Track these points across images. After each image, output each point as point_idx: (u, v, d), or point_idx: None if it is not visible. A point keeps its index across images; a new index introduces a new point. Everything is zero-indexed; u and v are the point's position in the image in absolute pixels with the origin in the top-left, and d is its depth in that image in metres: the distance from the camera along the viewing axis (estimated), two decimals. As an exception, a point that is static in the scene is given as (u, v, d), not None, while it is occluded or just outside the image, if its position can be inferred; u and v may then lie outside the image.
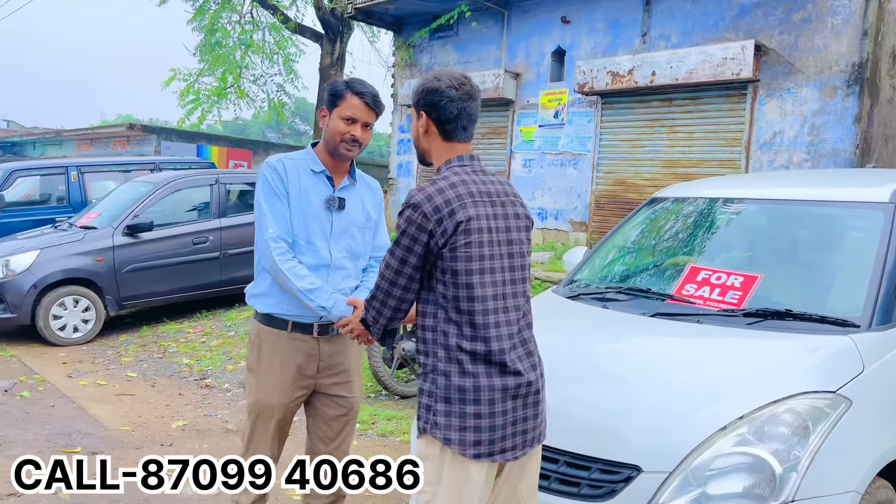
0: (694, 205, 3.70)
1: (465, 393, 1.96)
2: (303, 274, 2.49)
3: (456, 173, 2.05)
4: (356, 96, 2.50)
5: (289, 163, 2.57)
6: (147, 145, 20.05)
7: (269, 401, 2.61)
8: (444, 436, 1.96)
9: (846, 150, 7.63)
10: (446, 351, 1.98)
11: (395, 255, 2.00)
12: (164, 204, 7.91)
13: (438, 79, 2.07)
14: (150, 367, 6.42)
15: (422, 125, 2.10)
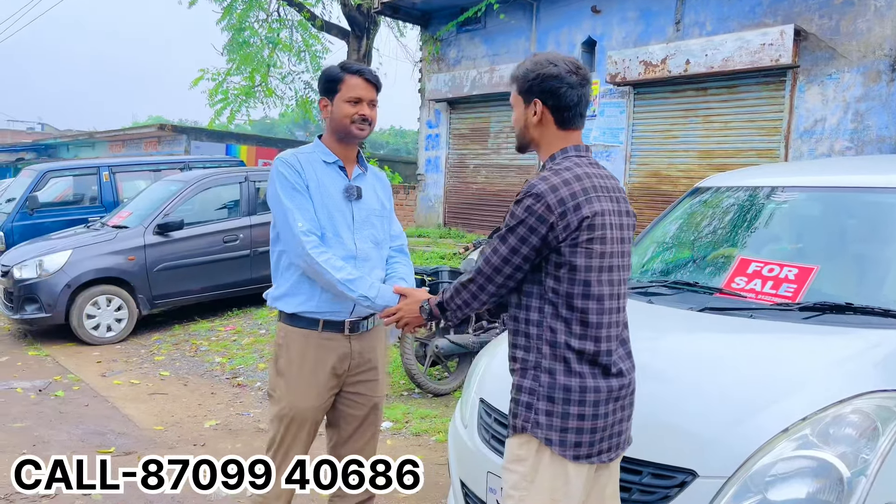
0: (739, 194, 3.54)
1: (571, 393, 1.89)
2: (339, 265, 2.40)
3: (578, 164, 1.96)
4: (355, 76, 2.46)
5: (302, 157, 2.51)
6: (177, 145, 20.23)
7: (302, 405, 2.51)
8: (546, 436, 1.90)
9: (891, 136, 7.35)
10: (552, 348, 1.91)
11: (507, 243, 1.91)
12: (194, 202, 7.92)
13: (555, 63, 1.97)
14: (182, 365, 6.41)
15: (535, 113, 1.99)
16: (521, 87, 2.01)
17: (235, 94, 14.52)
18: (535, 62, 2.00)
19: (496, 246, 1.94)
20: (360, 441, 2.68)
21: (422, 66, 12.99)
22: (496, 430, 2.60)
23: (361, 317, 2.56)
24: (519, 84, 2.02)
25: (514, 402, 1.97)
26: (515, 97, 2.04)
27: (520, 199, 1.91)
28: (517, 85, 2.03)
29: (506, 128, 11.47)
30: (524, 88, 2.00)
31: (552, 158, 1.99)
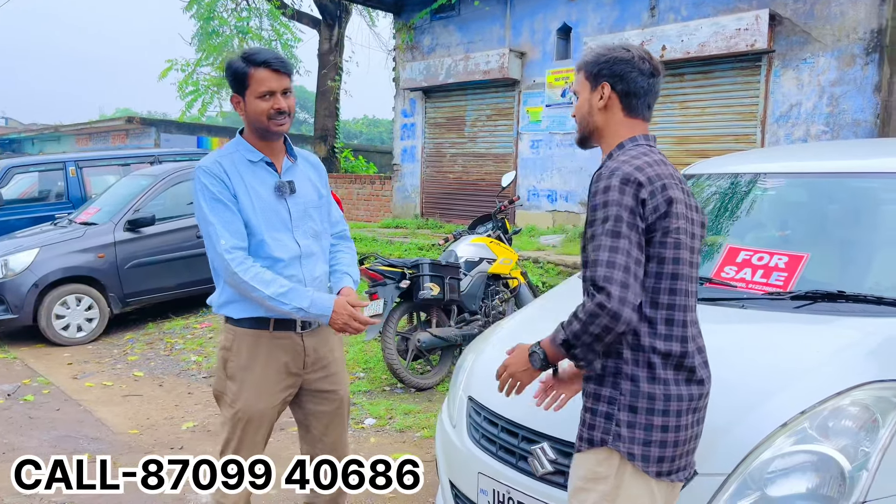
0: (724, 181, 3.49)
1: (655, 402, 1.75)
2: (268, 279, 2.30)
3: (652, 152, 1.85)
4: (261, 67, 2.27)
5: (225, 161, 2.35)
6: (146, 138, 19.84)
7: (256, 406, 2.42)
8: (628, 450, 1.76)
9: (867, 120, 7.39)
10: (635, 352, 1.77)
11: (619, 232, 1.69)
12: (165, 197, 7.71)
13: (627, 49, 1.90)
14: (157, 365, 6.26)
15: (601, 97, 1.90)
16: (590, 70, 1.92)
17: (206, 85, 14.26)
18: (607, 47, 1.92)
19: (608, 243, 1.71)
20: (331, 436, 2.61)
21: (395, 54, 12.84)
22: (486, 429, 2.53)
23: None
24: (587, 68, 1.93)
25: (589, 412, 1.83)
26: (581, 83, 1.95)
27: (605, 185, 1.75)
28: (585, 70, 1.94)
29: (482, 115, 11.38)
30: (593, 72, 1.91)
31: (621, 147, 1.88)
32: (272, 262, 2.36)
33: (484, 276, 5.54)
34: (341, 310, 2.34)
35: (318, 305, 2.33)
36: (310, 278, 2.45)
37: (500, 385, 2.02)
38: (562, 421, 2.32)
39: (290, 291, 2.31)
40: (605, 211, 1.73)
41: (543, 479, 2.25)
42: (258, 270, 2.31)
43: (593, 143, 1.99)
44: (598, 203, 1.75)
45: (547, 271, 7.68)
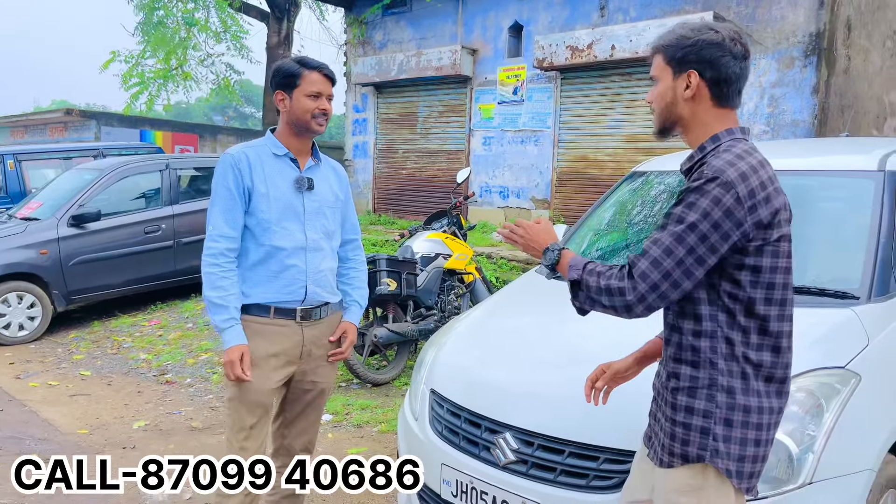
0: (676, 178, 3.60)
1: (750, 415, 1.66)
2: (219, 285, 2.44)
3: (752, 151, 1.67)
4: (314, 71, 2.50)
5: (251, 151, 2.52)
6: (86, 131, 19.20)
7: (254, 390, 2.50)
8: (726, 467, 1.66)
9: (805, 120, 7.69)
10: (729, 362, 1.66)
11: (684, 242, 1.59)
12: (111, 192, 7.51)
13: (716, 30, 1.69)
14: (104, 364, 6.10)
15: (687, 86, 1.70)
16: (672, 54, 1.71)
17: (151, 77, 13.89)
18: (691, 28, 1.71)
19: (667, 243, 1.61)
20: (304, 422, 2.73)
21: (347, 49, 12.76)
22: (449, 420, 2.57)
23: (314, 305, 2.58)
24: (669, 52, 1.72)
25: (681, 426, 1.70)
26: (661, 67, 1.75)
27: (701, 185, 1.60)
28: (665, 53, 1.73)
29: (434, 112, 11.41)
30: (676, 56, 1.70)
31: (714, 139, 1.70)
32: (273, 249, 2.49)
33: (440, 271, 5.58)
34: (230, 357, 2.43)
35: (225, 334, 2.44)
36: (313, 270, 2.56)
37: (503, 229, 1.95)
38: (523, 411, 2.38)
39: (223, 308, 2.43)
40: (685, 211, 1.61)
41: (506, 468, 2.31)
42: (218, 272, 2.44)
43: (675, 133, 1.80)
44: (685, 199, 1.63)
45: (500, 266, 7.77)
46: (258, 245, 2.50)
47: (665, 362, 1.79)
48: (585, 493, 2.16)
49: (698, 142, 1.74)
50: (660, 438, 1.79)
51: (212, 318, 2.45)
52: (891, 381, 2.38)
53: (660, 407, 1.81)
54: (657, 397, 1.85)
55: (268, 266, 2.50)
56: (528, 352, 2.68)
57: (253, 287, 2.51)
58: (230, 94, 15.68)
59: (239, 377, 2.43)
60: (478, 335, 3.03)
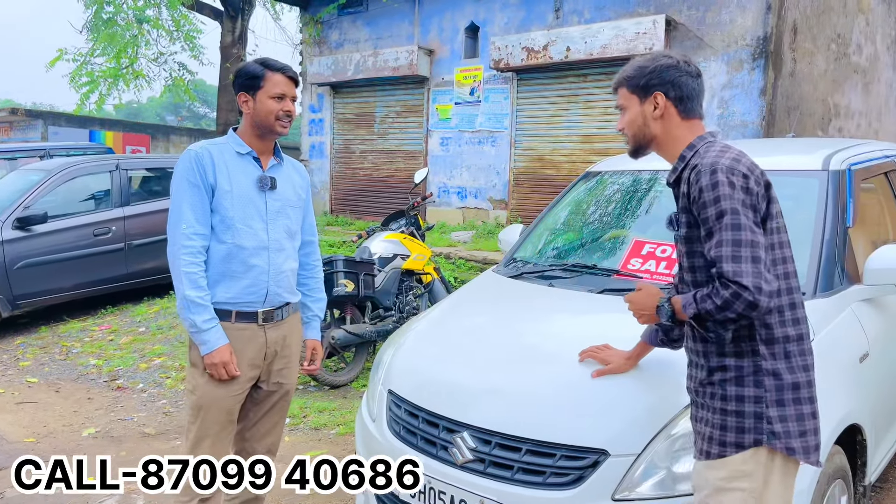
0: (629, 178, 3.66)
1: (801, 390, 1.76)
2: (199, 284, 2.41)
3: (728, 146, 1.85)
4: (278, 73, 2.49)
5: (213, 148, 2.50)
6: (32, 131, 18.62)
7: (215, 394, 2.48)
8: (786, 445, 1.75)
9: (753, 121, 7.89)
10: (770, 345, 1.77)
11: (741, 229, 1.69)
12: (58, 193, 7.28)
13: (668, 56, 1.92)
14: (52, 370, 5.92)
15: (655, 107, 1.90)
16: (636, 83, 1.92)
17: (100, 76, 13.53)
18: (647, 59, 1.93)
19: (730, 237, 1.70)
20: (266, 424, 2.71)
21: (302, 48, 12.64)
22: (407, 421, 2.56)
23: (275, 307, 2.57)
24: (632, 82, 1.94)
25: (734, 414, 1.78)
26: (627, 97, 1.95)
27: (709, 181, 1.74)
28: (628, 84, 1.94)
29: (392, 112, 11.38)
30: (640, 84, 1.92)
31: (691, 147, 1.89)
32: (236, 248, 2.45)
33: (398, 272, 5.57)
34: (222, 358, 2.41)
35: (208, 335, 2.40)
36: (275, 271, 2.53)
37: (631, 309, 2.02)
38: (481, 410, 2.39)
39: (204, 308, 2.39)
40: (717, 207, 1.72)
41: (464, 467, 2.31)
42: (197, 271, 2.40)
43: (649, 151, 1.98)
44: (707, 200, 1.74)
45: (458, 266, 7.78)
46: (219, 243, 2.46)
47: (704, 359, 1.85)
48: (542, 490, 2.18)
49: (677, 153, 1.92)
50: (704, 434, 1.85)
51: (191, 318, 2.39)
52: (836, 374, 2.45)
53: (702, 405, 1.88)
54: (695, 397, 1.92)
55: (229, 265, 2.46)
56: (486, 351, 2.69)
57: (213, 287, 2.46)
58: (185, 93, 15.38)
59: (232, 375, 2.43)
60: (435, 335, 3.03)
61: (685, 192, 1.84)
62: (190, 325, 2.42)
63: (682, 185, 1.87)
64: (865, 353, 2.66)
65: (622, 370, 2.30)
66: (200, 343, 2.42)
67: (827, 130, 9.28)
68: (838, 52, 9.38)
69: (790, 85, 8.13)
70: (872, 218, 3.42)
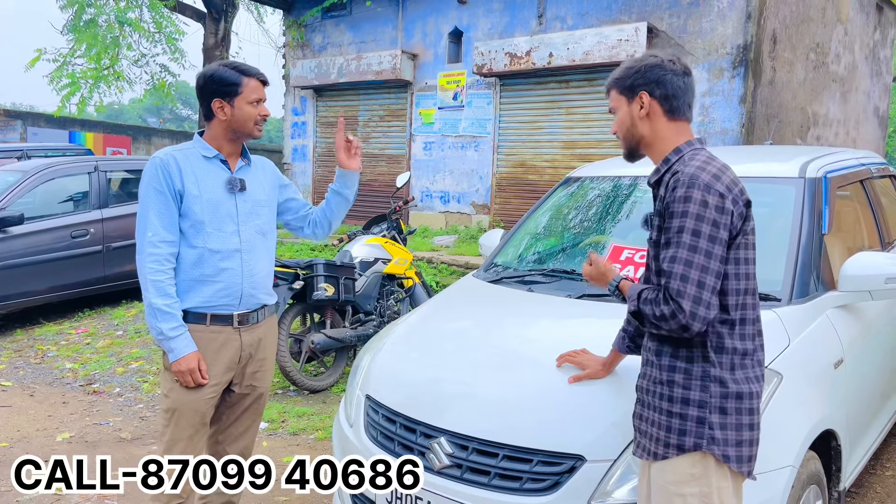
0: (609, 184, 3.67)
1: (742, 401, 1.79)
2: (167, 293, 2.40)
3: (713, 157, 1.85)
4: (253, 78, 2.50)
5: (179, 154, 2.49)
6: (11, 132, 18.37)
7: (188, 398, 2.47)
8: (723, 452, 1.77)
9: (733, 129, 7.96)
10: (719, 354, 1.79)
11: (699, 249, 1.71)
12: (35, 194, 7.19)
13: (654, 55, 1.92)
14: (27, 374, 5.83)
15: (641, 106, 1.90)
16: (623, 84, 1.93)
17: (81, 77, 13.39)
18: (633, 60, 1.94)
19: (685, 256, 1.72)
20: (239, 427, 2.71)
21: (286, 51, 12.59)
22: (384, 426, 2.55)
23: (250, 309, 2.57)
24: (619, 84, 1.94)
25: (678, 416, 1.81)
26: (616, 99, 1.95)
27: (684, 194, 1.75)
28: (616, 86, 1.95)
29: (375, 116, 11.37)
30: (626, 85, 1.92)
31: (678, 151, 1.88)
32: (207, 252, 2.45)
33: (379, 276, 5.55)
34: (189, 366, 2.41)
35: (174, 343, 2.39)
36: (249, 273, 2.53)
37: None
38: (458, 416, 2.38)
39: (171, 316, 2.39)
40: (681, 221, 1.74)
41: (441, 473, 2.30)
42: (164, 280, 2.40)
43: (641, 153, 1.98)
44: (675, 211, 1.76)
45: (440, 271, 7.77)
46: (190, 248, 2.45)
47: (657, 357, 1.89)
48: (519, 496, 2.17)
49: (662, 155, 1.91)
50: (649, 434, 1.88)
51: (157, 326, 2.39)
52: (810, 380, 2.47)
53: (649, 405, 1.91)
54: (643, 396, 1.94)
55: (201, 269, 2.45)
56: (464, 356, 2.68)
57: (187, 292, 2.46)
58: (166, 96, 15.27)
59: (199, 383, 2.42)
60: (414, 339, 3.02)
61: (663, 196, 1.85)
62: (157, 333, 2.41)
63: (661, 188, 1.88)
64: (840, 360, 2.68)
65: (599, 375, 2.30)
66: (168, 350, 2.43)
67: (806, 138, 9.39)
68: (817, 62, 9.50)
69: (769, 93, 8.22)
70: (848, 225, 3.46)
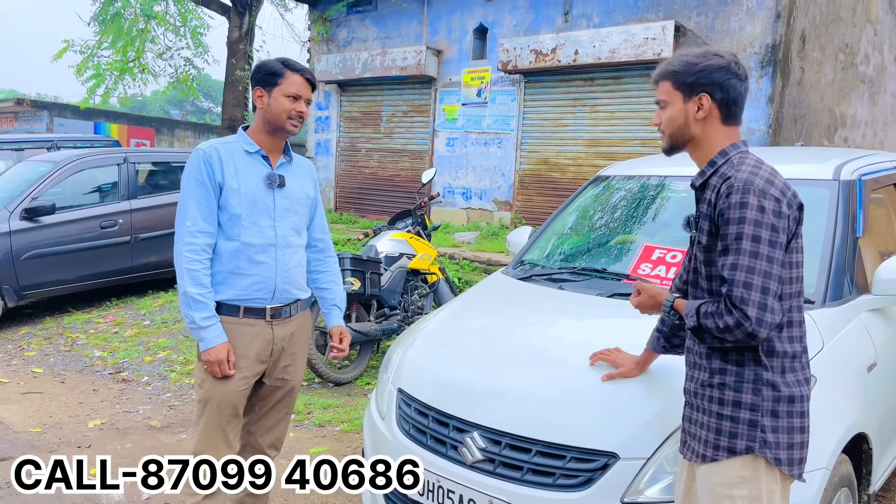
0: (640, 182, 3.67)
1: (794, 404, 1.79)
2: (202, 282, 2.44)
3: (761, 161, 1.83)
4: (297, 73, 2.52)
5: (222, 147, 2.53)
6: (38, 122, 18.68)
7: (220, 389, 2.51)
8: (775, 455, 1.77)
9: (760, 129, 7.91)
10: (770, 357, 1.79)
11: (760, 256, 1.69)
12: (66, 185, 7.31)
13: (721, 55, 1.85)
14: (57, 361, 5.94)
15: (699, 108, 1.84)
16: (682, 80, 1.85)
17: (107, 69, 13.55)
18: (696, 55, 1.86)
19: (746, 263, 1.70)
20: (271, 419, 2.75)
21: (310, 45, 12.65)
22: (416, 420, 2.58)
23: (283, 303, 2.60)
24: (678, 78, 1.86)
25: (729, 419, 1.80)
26: (669, 92, 1.88)
27: (739, 199, 1.72)
28: (673, 79, 1.87)
29: (399, 111, 11.40)
30: (687, 82, 1.85)
31: (723, 154, 1.86)
32: (243, 245, 2.49)
33: (404, 271, 5.58)
34: (218, 356, 2.44)
35: (206, 332, 2.43)
36: (283, 268, 2.56)
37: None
38: (491, 410, 2.40)
39: (204, 306, 2.42)
40: (739, 227, 1.72)
41: (473, 467, 2.33)
42: (201, 269, 2.43)
43: (683, 150, 1.94)
44: (731, 218, 1.73)
45: (462, 267, 7.80)
46: (228, 240, 2.50)
47: (707, 361, 1.87)
48: (551, 491, 2.19)
49: (707, 157, 1.88)
50: (699, 437, 1.87)
51: (190, 314, 2.42)
52: (844, 383, 2.47)
53: (698, 407, 1.90)
54: (692, 399, 1.94)
55: (237, 262, 2.50)
56: (495, 352, 2.71)
57: (221, 284, 2.50)
58: (189, 89, 15.41)
59: (226, 374, 2.46)
60: (444, 335, 3.05)
61: (712, 200, 1.82)
62: (189, 322, 2.45)
63: (708, 191, 1.85)
64: (873, 363, 2.68)
65: (632, 374, 2.32)
66: (199, 340, 2.46)
67: (833, 140, 9.29)
68: (846, 62, 9.39)
69: (797, 93, 8.14)
70: (881, 228, 3.44)
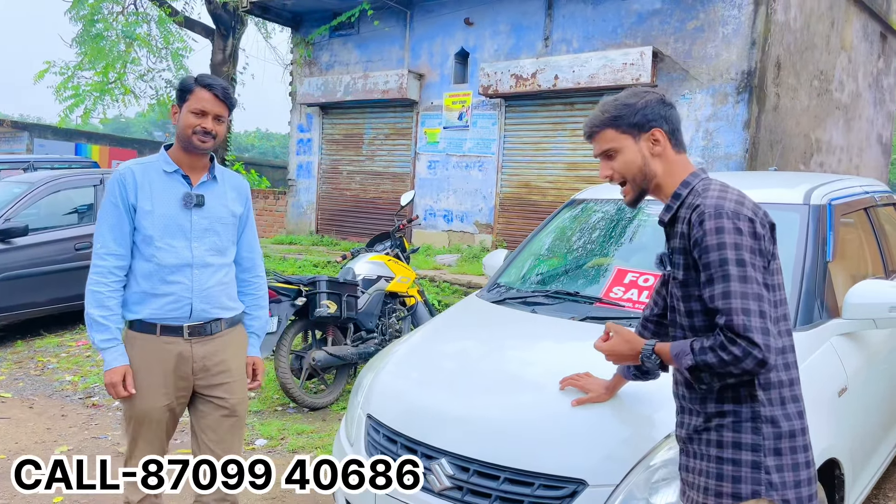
0: (614, 206, 3.68)
1: (796, 438, 1.70)
2: (106, 304, 2.45)
3: (725, 185, 1.79)
4: (205, 89, 2.51)
5: (138, 168, 2.54)
6: (18, 143, 18.54)
7: (141, 406, 2.54)
8: (782, 497, 1.67)
9: (737, 154, 7.99)
10: (767, 391, 1.70)
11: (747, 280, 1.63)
12: (41, 206, 7.22)
13: (648, 91, 1.85)
14: (26, 385, 5.82)
15: (657, 143, 1.81)
16: (628, 122, 1.81)
17: (87, 90, 13.50)
18: (627, 96, 1.84)
19: (737, 289, 1.63)
20: (219, 442, 2.65)
21: (293, 68, 12.69)
22: (385, 446, 2.54)
23: (203, 321, 2.58)
24: (622, 122, 1.81)
25: (730, 462, 1.72)
26: (617, 138, 1.82)
27: (714, 225, 1.67)
28: (616, 125, 1.82)
29: (380, 134, 11.43)
30: (633, 122, 1.80)
31: (686, 185, 1.81)
32: (157, 266, 2.49)
33: (381, 294, 5.55)
34: (112, 379, 2.46)
35: (106, 354, 2.46)
36: (199, 288, 2.55)
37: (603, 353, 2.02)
38: (460, 437, 2.37)
39: (105, 329, 2.44)
40: (720, 253, 1.66)
41: (442, 494, 2.29)
42: (104, 291, 2.44)
43: (646, 195, 1.88)
44: (709, 245, 1.67)
45: (443, 290, 7.77)
46: (144, 261, 2.50)
47: (701, 405, 1.79)
48: (520, 519, 2.15)
49: (671, 191, 1.83)
50: (698, 485, 1.78)
51: (93, 336, 2.45)
52: (814, 409, 2.45)
53: (694, 453, 1.81)
54: (686, 446, 1.85)
55: (151, 283, 2.50)
56: (466, 377, 2.68)
57: (138, 303, 2.51)
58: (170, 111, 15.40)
59: (121, 395, 2.47)
60: (416, 359, 3.02)
61: (684, 232, 1.76)
62: (92, 343, 2.47)
63: (678, 224, 1.80)
64: (844, 388, 2.67)
65: (602, 399, 2.29)
66: (103, 360, 2.47)
67: (809, 165, 9.42)
68: (821, 88, 9.56)
69: (773, 119, 8.25)
70: (852, 253, 3.46)
